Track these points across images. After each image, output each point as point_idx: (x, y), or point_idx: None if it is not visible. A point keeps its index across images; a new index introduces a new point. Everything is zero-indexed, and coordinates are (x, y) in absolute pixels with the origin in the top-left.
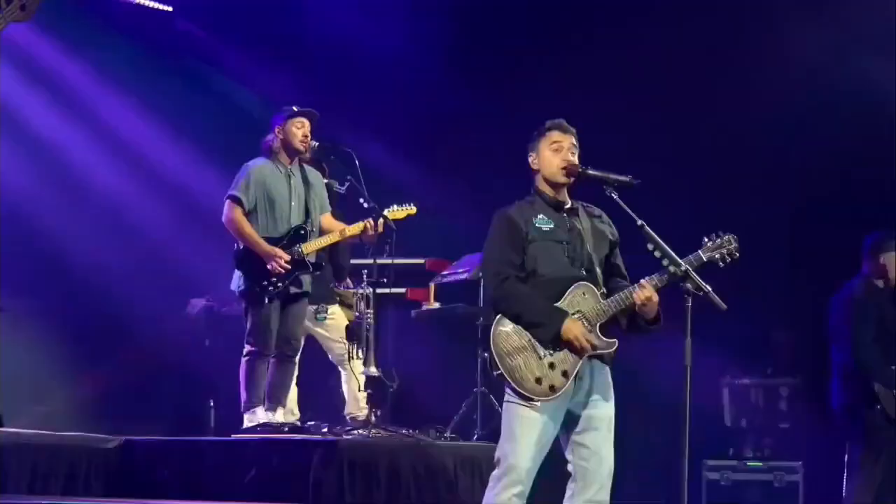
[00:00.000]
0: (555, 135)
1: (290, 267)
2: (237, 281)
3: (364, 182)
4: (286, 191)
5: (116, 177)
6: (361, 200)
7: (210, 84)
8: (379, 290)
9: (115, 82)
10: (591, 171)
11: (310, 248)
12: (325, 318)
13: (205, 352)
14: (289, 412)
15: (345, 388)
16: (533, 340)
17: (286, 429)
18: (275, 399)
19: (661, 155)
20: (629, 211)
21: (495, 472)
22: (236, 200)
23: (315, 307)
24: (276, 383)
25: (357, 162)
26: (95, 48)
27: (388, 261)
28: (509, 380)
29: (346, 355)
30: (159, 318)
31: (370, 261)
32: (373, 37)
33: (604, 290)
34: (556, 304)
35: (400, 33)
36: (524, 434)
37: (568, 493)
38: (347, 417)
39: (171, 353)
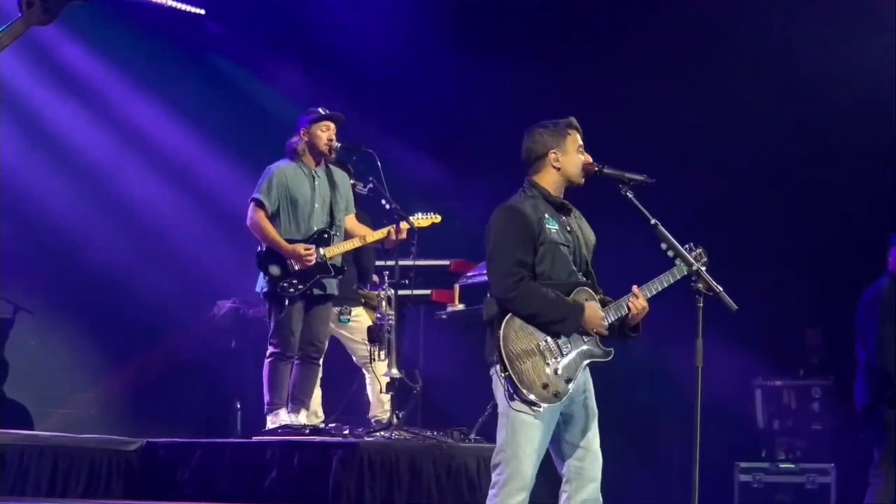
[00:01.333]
0: (577, 134)
1: (313, 260)
2: (261, 282)
3: (390, 184)
4: (309, 193)
5: (144, 181)
6: (384, 202)
7: (238, 86)
8: (404, 292)
9: (144, 85)
10: (607, 170)
11: (333, 252)
12: (349, 319)
13: (231, 354)
14: (312, 414)
15: (369, 390)
16: (541, 345)
17: (307, 431)
18: (298, 401)
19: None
20: (643, 210)
21: (498, 478)
22: (259, 203)
23: (339, 309)
24: (299, 385)
25: (379, 163)
26: (124, 50)
27: (410, 262)
28: (517, 384)
29: (369, 357)
30: (186, 320)
31: (392, 262)
32: (397, 38)
33: (600, 296)
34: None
35: (426, 36)
36: (529, 440)
37: (563, 496)
38: (372, 420)
39: (198, 355)
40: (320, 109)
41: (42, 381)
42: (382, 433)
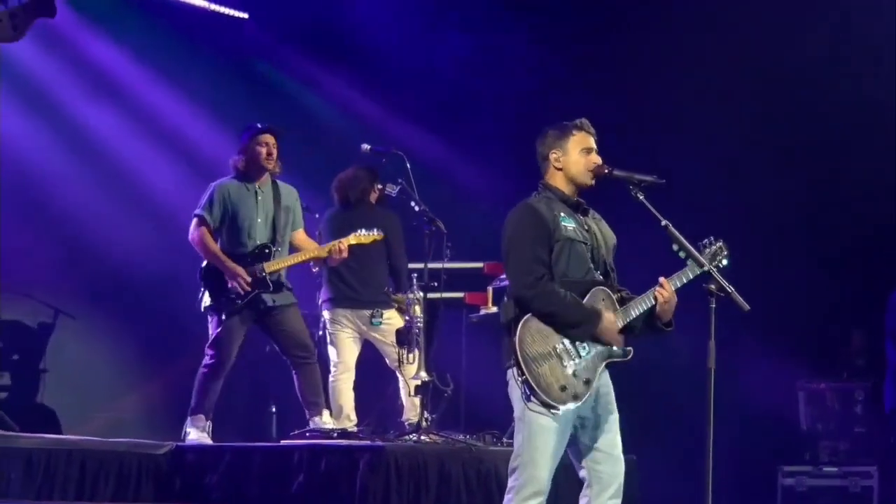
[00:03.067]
0: (582, 135)
1: (249, 288)
2: (201, 297)
3: (425, 184)
4: (252, 208)
5: (179, 184)
6: (413, 203)
7: (277, 91)
8: (439, 295)
9: (184, 91)
10: (617, 173)
11: (272, 266)
12: (381, 322)
13: (266, 358)
14: (345, 418)
15: (402, 393)
16: (558, 347)
17: (335, 434)
18: (313, 404)
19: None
20: (654, 211)
21: (514, 483)
22: (201, 219)
23: (370, 312)
24: (305, 389)
25: (408, 165)
26: (160, 54)
27: (439, 265)
28: (534, 386)
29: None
30: None
31: (421, 265)
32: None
33: (619, 294)
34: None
35: (464, 37)
36: (546, 444)
37: (583, 501)
38: (405, 423)
39: (236, 359)
40: (258, 124)
41: (84, 385)
42: (412, 436)
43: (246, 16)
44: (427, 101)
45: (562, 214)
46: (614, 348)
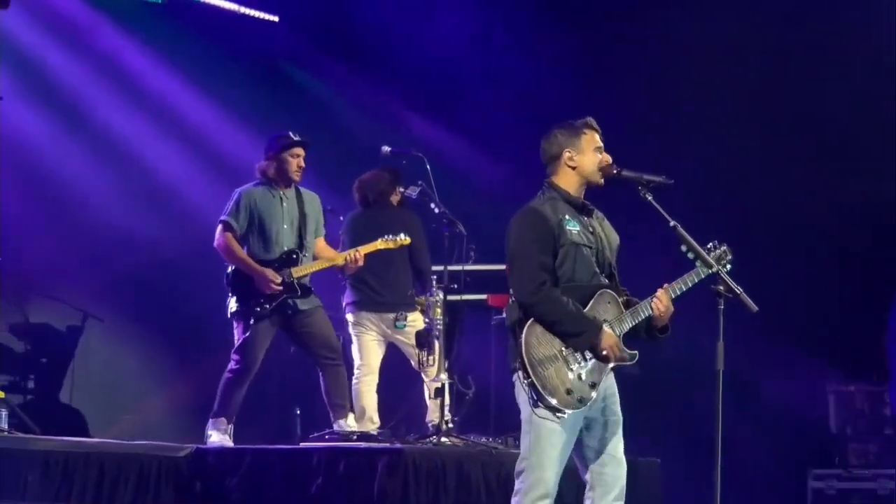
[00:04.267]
0: (593, 134)
1: (280, 288)
2: (229, 304)
3: (449, 186)
4: (279, 214)
5: (207, 186)
6: (433, 205)
7: (302, 93)
8: (459, 297)
9: (210, 92)
10: (626, 173)
11: (300, 272)
12: (405, 325)
13: (292, 360)
14: (368, 420)
15: (426, 395)
16: (564, 350)
17: (355, 437)
18: (338, 406)
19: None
20: (662, 211)
21: (521, 486)
22: (226, 224)
23: (394, 314)
24: (332, 391)
25: (428, 166)
26: (187, 57)
27: (459, 267)
28: (540, 389)
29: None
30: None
31: (457, 267)
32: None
33: (624, 298)
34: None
35: (492, 38)
36: (553, 446)
37: (587, 502)
38: (430, 425)
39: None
40: (291, 134)
41: (112, 388)
42: (432, 439)
43: (276, 19)
44: (453, 102)
45: (566, 217)
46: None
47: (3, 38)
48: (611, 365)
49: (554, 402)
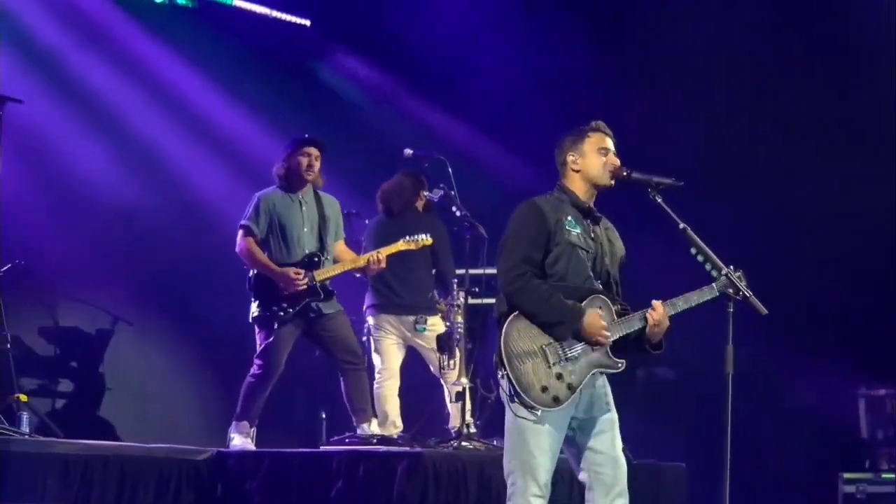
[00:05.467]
0: (600, 137)
1: (304, 284)
2: (252, 308)
3: (474, 188)
4: (298, 218)
5: (238, 190)
6: (454, 209)
7: (329, 96)
8: (484, 301)
9: (236, 96)
10: (635, 175)
11: (323, 275)
12: (425, 328)
13: (318, 364)
14: (391, 424)
15: (447, 399)
16: (546, 347)
17: (375, 441)
18: (361, 411)
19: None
20: (672, 214)
21: (512, 489)
22: (247, 229)
23: (414, 318)
24: (353, 396)
25: (450, 169)
26: (215, 60)
27: (480, 270)
28: (514, 384)
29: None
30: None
31: (462, 270)
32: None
33: (619, 307)
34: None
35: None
36: (537, 445)
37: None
38: (452, 430)
39: (289, 365)
40: (304, 136)
41: (141, 392)
42: (452, 443)
43: (308, 23)
44: (479, 105)
45: (568, 218)
46: (605, 358)
47: (31, 41)
48: (595, 370)
49: (528, 398)
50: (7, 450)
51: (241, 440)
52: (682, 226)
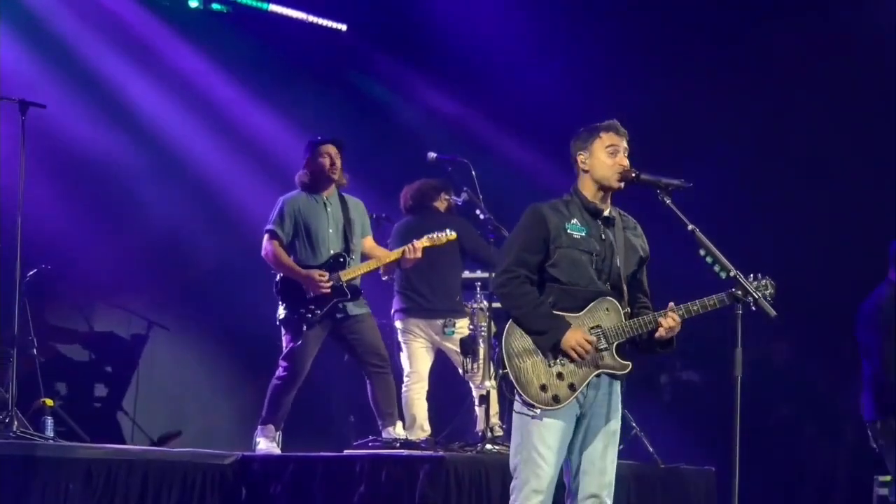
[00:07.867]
0: (610, 137)
1: (329, 288)
2: (279, 311)
3: (500, 191)
4: (323, 219)
5: (272, 196)
6: (478, 211)
7: (362, 100)
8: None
9: (270, 100)
10: (644, 176)
11: (349, 274)
12: (454, 331)
13: (347, 367)
14: (419, 428)
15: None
16: None
17: (398, 444)
18: (387, 415)
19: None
20: (681, 216)
21: (515, 483)
22: (272, 233)
23: (443, 321)
24: (380, 399)
25: (474, 172)
26: (252, 67)
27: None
28: (513, 381)
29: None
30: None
31: (486, 274)
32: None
33: (628, 309)
34: (572, 314)
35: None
36: (541, 442)
37: None
38: (480, 434)
39: (314, 369)
40: (319, 136)
41: (176, 396)
42: (476, 446)
43: (344, 27)
44: (520, 107)
45: (573, 221)
46: (610, 360)
47: (62, 47)
48: (597, 372)
49: (526, 396)
50: (31, 455)
51: (266, 444)
52: (690, 227)
